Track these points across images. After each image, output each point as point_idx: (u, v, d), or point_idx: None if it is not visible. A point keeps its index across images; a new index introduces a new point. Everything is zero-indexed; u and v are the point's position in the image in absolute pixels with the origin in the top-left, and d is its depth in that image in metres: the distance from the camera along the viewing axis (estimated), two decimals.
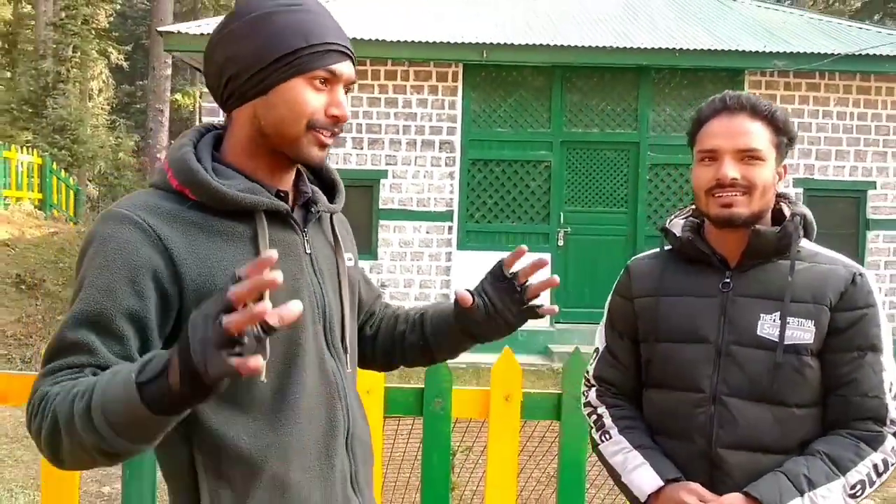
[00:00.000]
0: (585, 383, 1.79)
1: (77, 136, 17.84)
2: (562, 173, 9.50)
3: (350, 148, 9.31)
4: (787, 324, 1.51)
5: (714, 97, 1.61)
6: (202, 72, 9.89)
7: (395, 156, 9.41)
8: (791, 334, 1.51)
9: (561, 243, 9.48)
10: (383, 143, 9.37)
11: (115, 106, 26.32)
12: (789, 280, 1.53)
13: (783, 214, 1.61)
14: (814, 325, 1.51)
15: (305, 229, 1.31)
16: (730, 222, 1.54)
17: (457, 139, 9.44)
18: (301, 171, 1.35)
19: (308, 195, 1.33)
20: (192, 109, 25.29)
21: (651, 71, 9.43)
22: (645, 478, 1.56)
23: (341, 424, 1.31)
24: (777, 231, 1.55)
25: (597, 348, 1.78)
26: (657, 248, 1.74)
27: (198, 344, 0.91)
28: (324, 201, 1.36)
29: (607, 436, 1.68)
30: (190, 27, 9.69)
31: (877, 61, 9.24)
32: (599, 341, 1.77)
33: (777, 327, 1.52)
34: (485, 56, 9.11)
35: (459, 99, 9.43)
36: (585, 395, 1.78)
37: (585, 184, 9.55)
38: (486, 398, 2.38)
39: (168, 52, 10.91)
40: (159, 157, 20.57)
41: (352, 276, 1.41)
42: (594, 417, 1.74)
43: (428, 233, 9.47)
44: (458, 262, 9.45)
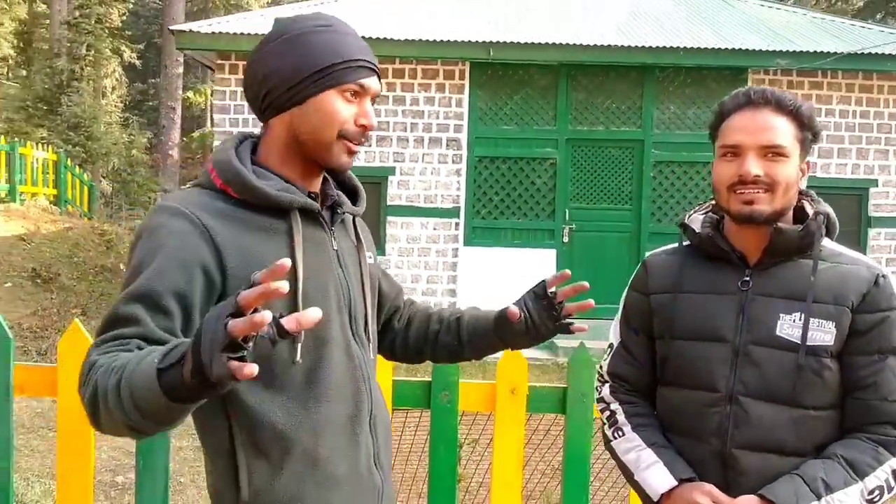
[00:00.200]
0: (599, 379, 1.73)
1: (91, 132, 17.90)
2: (567, 170, 9.48)
3: None
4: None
5: (738, 91, 1.54)
6: (213, 70, 9.76)
7: (402, 153, 9.40)
8: (811, 336, 1.45)
9: (566, 240, 9.46)
10: (391, 140, 9.37)
11: (127, 103, 26.38)
12: (812, 280, 1.47)
13: (805, 212, 1.54)
14: (835, 327, 1.45)
15: (332, 228, 1.42)
16: (751, 219, 1.47)
17: (463, 136, 9.43)
18: (327, 177, 1.45)
19: (334, 198, 1.44)
20: (204, 107, 25.35)
21: (655, 69, 9.40)
22: (658, 477, 1.51)
23: (365, 405, 1.42)
24: (800, 230, 1.49)
25: (611, 343, 1.71)
26: (675, 244, 1.67)
27: (207, 343, 0.96)
28: (348, 205, 1.46)
29: (620, 433, 1.62)
30: (201, 26, 9.69)
31: (879, 60, 9.19)
32: (614, 337, 1.71)
33: (796, 328, 1.46)
34: (491, 54, 9.10)
35: (466, 97, 9.41)
36: (599, 390, 1.72)
37: (590, 181, 9.53)
38: (493, 391, 2.37)
39: (180, 50, 10.92)
40: (171, 154, 20.63)
41: (372, 272, 1.52)
42: (607, 414, 1.67)
43: (435, 229, 9.47)
44: (465, 257, 9.45)
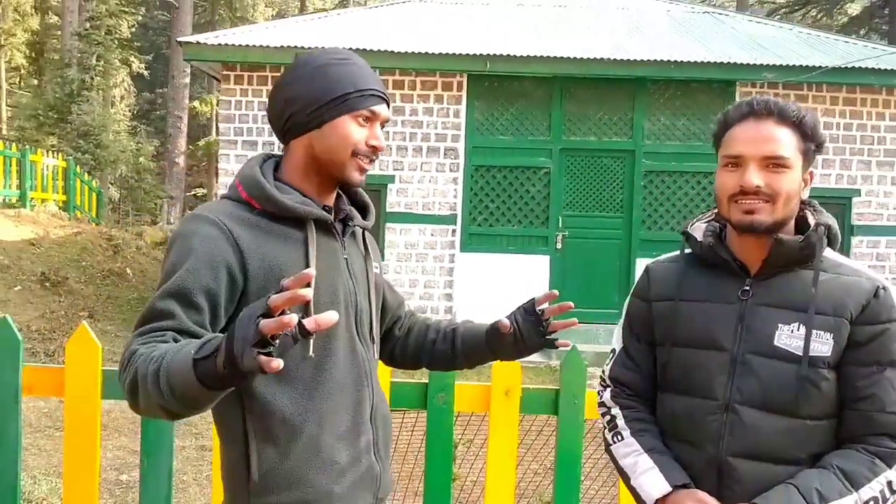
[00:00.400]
0: (601, 383, 1.71)
1: (100, 141, 17.88)
2: (560, 179, 9.50)
3: None
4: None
5: (741, 101, 1.51)
6: (219, 81, 9.77)
7: (401, 161, 9.41)
8: (811, 346, 1.42)
9: (559, 246, 9.47)
10: (391, 149, 9.37)
11: (136, 112, 26.40)
12: (813, 292, 1.43)
13: (807, 222, 1.51)
14: (832, 338, 1.42)
15: (344, 238, 1.53)
16: (751, 229, 1.45)
17: (461, 146, 9.44)
18: (341, 194, 1.57)
19: (346, 212, 1.55)
20: (209, 116, 25.34)
21: (647, 82, 9.42)
22: (653, 482, 1.49)
23: (367, 399, 1.51)
24: (800, 240, 1.46)
25: (613, 349, 1.69)
26: (677, 252, 1.64)
27: (240, 339, 1.06)
28: (358, 218, 1.57)
29: (619, 437, 1.60)
30: (208, 38, 9.70)
31: (862, 74, 9.23)
32: (617, 342, 1.68)
33: (795, 338, 1.43)
34: (488, 67, 9.11)
35: (464, 108, 9.43)
36: (600, 394, 1.70)
37: (583, 190, 9.54)
38: (487, 393, 2.37)
39: (187, 61, 10.92)
40: (177, 162, 20.63)
41: (378, 281, 1.63)
42: (608, 418, 1.65)
43: (432, 235, 9.47)
44: (461, 263, 9.45)
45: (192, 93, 24.19)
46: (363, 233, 1.62)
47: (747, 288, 1.49)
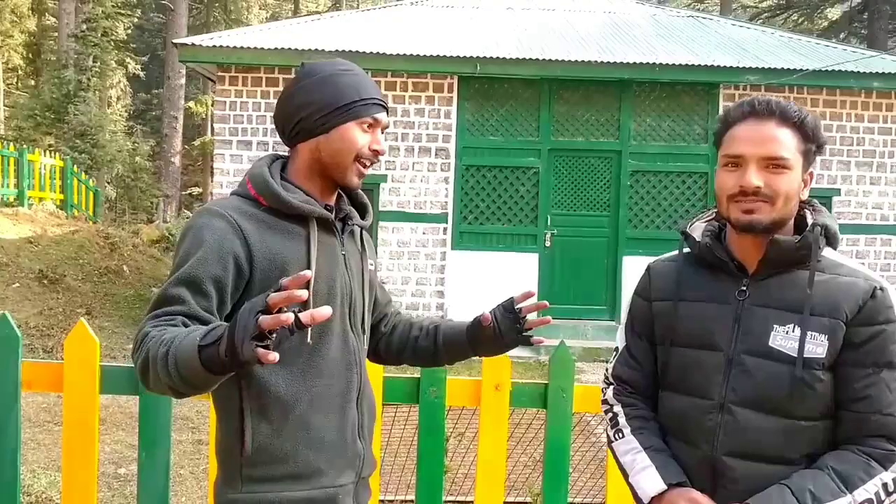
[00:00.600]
0: (604, 381, 1.69)
1: (97, 140, 17.77)
2: (549, 179, 9.51)
3: None
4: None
5: (743, 101, 1.47)
6: (213, 82, 9.74)
7: (394, 161, 9.40)
8: (805, 348, 1.39)
9: (548, 244, 9.49)
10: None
11: (132, 113, 26.24)
12: (808, 293, 1.40)
13: (807, 222, 1.47)
14: (827, 340, 1.38)
15: (342, 236, 1.60)
16: (750, 228, 1.42)
17: (452, 146, 9.44)
18: (342, 194, 1.64)
19: (346, 212, 1.63)
20: (204, 116, 25.21)
21: (632, 84, 9.45)
22: (649, 481, 1.47)
23: (355, 384, 1.58)
24: (796, 241, 1.42)
25: (617, 347, 1.67)
26: (676, 251, 1.61)
27: (241, 330, 1.13)
28: (357, 218, 1.65)
29: (620, 434, 1.58)
30: (203, 40, 9.65)
31: (841, 77, 9.29)
32: (620, 340, 1.66)
33: (789, 339, 1.40)
34: (478, 69, 9.12)
35: (454, 109, 9.43)
36: (604, 392, 1.68)
37: (571, 189, 9.56)
38: (478, 387, 2.38)
39: (182, 62, 10.88)
40: (173, 161, 20.54)
41: (372, 277, 1.70)
42: (610, 415, 1.63)
43: (424, 233, 9.46)
44: (453, 261, 9.45)
45: (188, 93, 24.06)
46: (361, 231, 1.68)
47: (744, 288, 1.47)
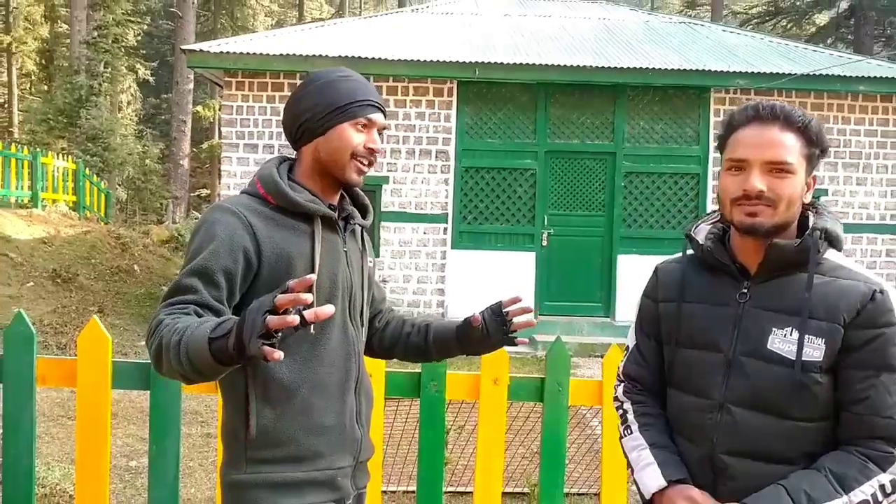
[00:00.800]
0: (617, 379, 1.69)
1: (108, 144, 17.74)
2: (546, 180, 9.51)
3: None
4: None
5: (747, 104, 1.44)
6: (221, 87, 9.73)
7: (395, 163, 9.40)
8: (803, 351, 1.37)
9: (545, 243, 9.49)
10: (385, 152, 9.36)
11: (142, 117, 26.22)
12: (807, 297, 1.37)
13: (809, 225, 1.44)
14: (824, 343, 1.36)
15: (345, 234, 1.65)
16: (752, 231, 1.39)
17: (451, 149, 9.44)
18: (344, 195, 1.68)
19: (348, 212, 1.67)
20: (212, 120, 25.21)
21: (626, 88, 9.45)
22: (651, 477, 1.47)
23: (353, 373, 1.63)
24: (796, 244, 1.39)
25: (627, 346, 1.67)
26: (682, 253, 1.59)
27: (249, 327, 1.17)
28: (358, 217, 1.70)
29: (629, 431, 1.58)
30: (210, 46, 9.65)
31: (828, 81, 9.29)
32: (630, 339, 1.66)
33: (787, 342, 1.38)
34: (477, 74, 9.12)
35: (454, 112, 9.43)
36: (616, 389, 1.68)
37: (567, 190, 9.56)
38: (477, 381, 2.39)
39: (190, 68, 10.86)
40: (182, 164, 20.52)
41: (371, 274, 1.75)
42: (620, 412, 1.64)
43: (425, 233, 9.47)
44: (452, 259, 9.45)
45: (196, 98, 24.05)
46: (361, 230, 1.73)
47: (745, 291, 1.45)
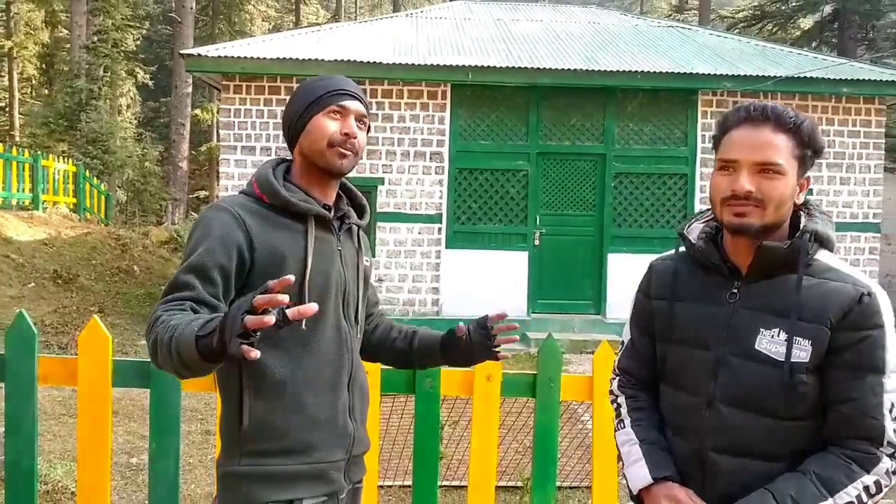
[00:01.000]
0: (613, 372, 1.69)
1: (108, 147, 17.68)
2: (538, 181, 9.52)
3: None
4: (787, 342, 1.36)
5: (740, 106, 1.43)
6: (219, 90, 9.72)
7: (390, 165, 9.39)
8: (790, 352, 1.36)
9: (537, 243, 9.50)
10: (380, 153, 9.36)
11: (141, 120, 26.11)
12: (796, 298, 1.36)
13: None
14: (811, 345, 1.34)
15: (339, 233, 1.65)
16: (741, 231, 1.38)
17: (445, 150, 9.44)
18: (341, 195, 1.69)
19: (343, 211, 1.68)
20: (210, 123, 25.13)
21: (616, 91, 9.46)
22: (638, 473, 1.47)
23: (346, 369, 1.63)
24: (785, 246, 1.38)
25: (622, 341, 1.66)
26: (674, 250, 1.59)
27: (229, 328, 1.18)
28: (354, 217, 1.70)
29: (622, 425, 1.57)
30: (208, 50, 9.62)
31: (813, 83, 9.32)
32: (626, 334, 1.65)
33: (775, 343, 1.37)
34: (470, 77, 9.12)
35: (448, 115, 9.42)
36: (611, 383, 1.67)
37: (558, 190, 9.57)
38: (471, 378, 2.39)
39: (189, 72, 10.82)
40: (181, 166, 20.46)
41: (366, 273, 1.74)
42: (615, 406, 1.63)
43: (420, 233, 9.46)
44: (447, 259, 9.45)
45: (194, 101, 23.96)
46: (357, 230, 1.72)
47: (735, 291, 1.43)
